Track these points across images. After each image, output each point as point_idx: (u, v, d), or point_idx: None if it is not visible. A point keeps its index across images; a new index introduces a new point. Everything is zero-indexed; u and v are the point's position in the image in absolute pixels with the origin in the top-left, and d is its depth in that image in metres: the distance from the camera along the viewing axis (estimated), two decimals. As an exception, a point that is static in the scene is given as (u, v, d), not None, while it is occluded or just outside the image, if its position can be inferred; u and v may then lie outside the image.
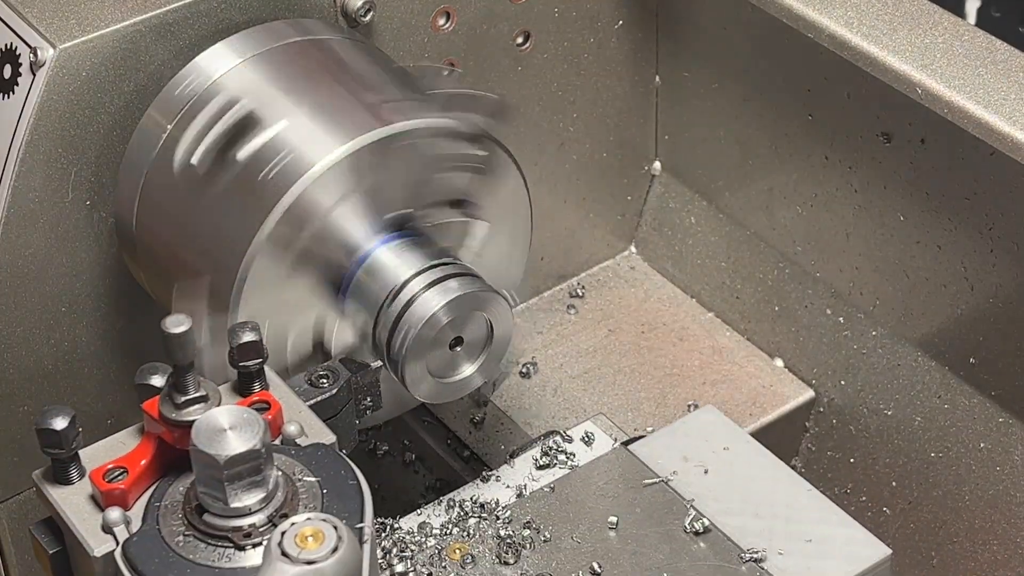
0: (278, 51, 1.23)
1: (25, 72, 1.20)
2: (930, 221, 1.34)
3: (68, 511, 1.00)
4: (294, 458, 1.00)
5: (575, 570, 1.16)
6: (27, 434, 1.30)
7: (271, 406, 1.03)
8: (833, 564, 1.18)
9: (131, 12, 1.22)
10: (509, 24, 1.43)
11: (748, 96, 1.47)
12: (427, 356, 1.16)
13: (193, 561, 0.95)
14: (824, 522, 1.21)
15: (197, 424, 0.94)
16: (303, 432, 1.03)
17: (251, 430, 0.94)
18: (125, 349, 1.32)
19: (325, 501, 0.97)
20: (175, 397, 0.99)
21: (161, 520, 0.97)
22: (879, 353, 1.43)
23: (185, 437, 0.96)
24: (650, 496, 1.22)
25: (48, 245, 1.24)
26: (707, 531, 1.19)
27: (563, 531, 1.19)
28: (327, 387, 1.12)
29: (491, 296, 1.17)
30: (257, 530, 0.95)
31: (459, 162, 1.19)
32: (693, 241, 1.59)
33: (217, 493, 0.94)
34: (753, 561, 1.17)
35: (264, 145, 1.16)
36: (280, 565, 0.88)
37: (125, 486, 0.99)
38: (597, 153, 1.57)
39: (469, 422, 1.46)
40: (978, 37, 1.29)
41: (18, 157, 1.20)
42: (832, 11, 1.33)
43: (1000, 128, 1.22)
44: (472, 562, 1.17)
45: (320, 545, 0.88)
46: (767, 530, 1.19)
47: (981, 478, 1.37)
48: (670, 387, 1.51)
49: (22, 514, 1.33)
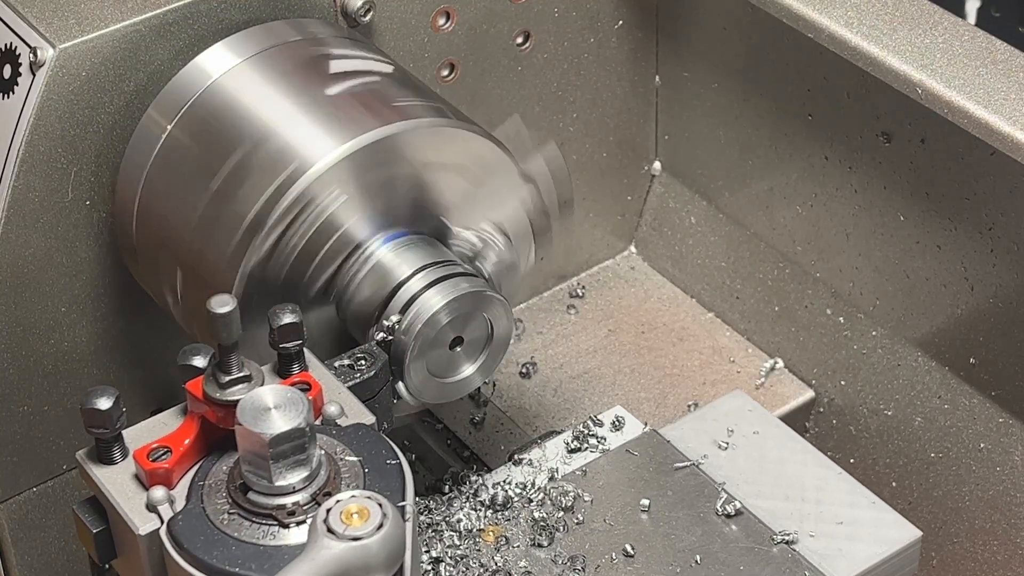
0: (278, 51, 1.23)
1: (25, 72, 1.20)
2: (930, 221, 1.34)
3: (112, 490, 1.01)
4: (335, 438, 1.01)
5: (608, 552, 1.18)
6: (27, 434, 1.30)
7: (312, 387, 1.04)
8: (864, 546, 1.20)
9: (131, 12, 1.22)
10: (509, 24, 1.43)
11: (748, 96, 1.47)
12: (427, 356, 1.16)
13: (238, 539, 0.96)
14: (854, 505, 1.23)
15: (242, 403, 0.95)
16: (343, 412, 1.04)
17: (296, 409, 0.95)
18: (125, 349, 1.32)
19: (367, 480, 0.99)
20: (219, 377, 1.00)
21: (205, 499, 0.98)
22: (879, 353, 1.43)
23: (228, 416, 0.98)
24: (681, 479, 1.23)
25: (48, 245, 1.24)
26: (738, 514, 1.20)
27: (596, 514, 1.20)
28: (365, 369, 1.12)
29: (491, 296, 1.17)
30: (301, 508, 0.96)
31: (459, 162, 1.19)
32: (693, 241, 1.59)
33: (262, 472, 0.95)
34: (785, 543, 1.18)
35: (264, 145, 1.16)
36: (326, 541, 0.89)
37: (169, 465, 1.00)
38: (597, 153, 1.57)
39: (469, 422, 1.46)
40: (978, 37, 1.29)
41: (18, 157, 1.20)
42: (832, 11, 1.33)
43: (1000, 128, 1.22)
44: (506, 544, 1.18)
45: (365, 522, 0.90)
46: (798, 513, 1.21)
47: (981, 478, 1.37)
48: (670, 387, 1.51)
49: (22, 514, 1.33)
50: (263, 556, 0.95)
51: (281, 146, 1.16)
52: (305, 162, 1.14)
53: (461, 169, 1.19)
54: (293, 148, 1.15)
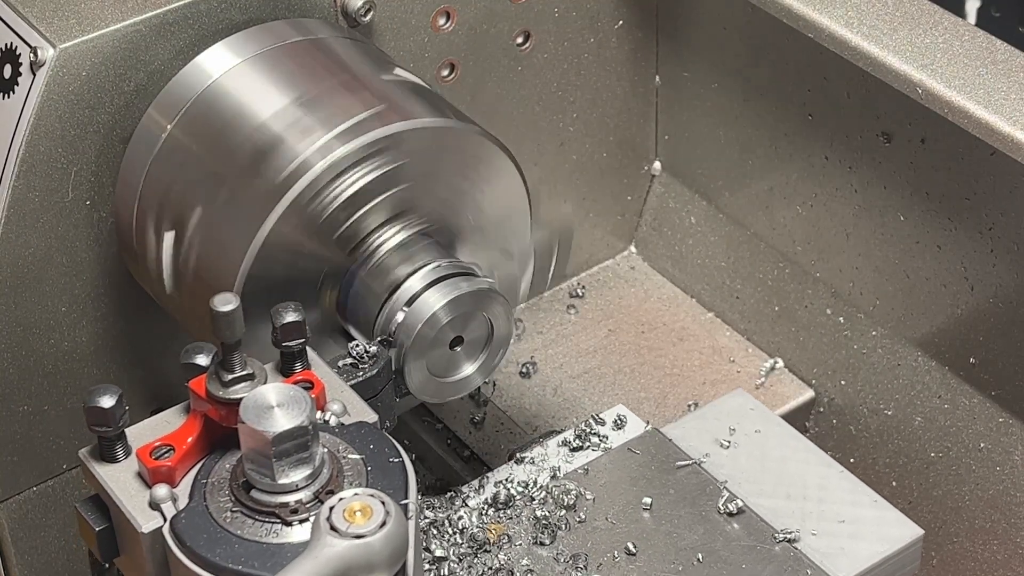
0: (278, 51, 1.23)
1: (25, 72, 1.20)
2: (930, 221, 1.34)
3: (115, 488, 1.01)
4: (338, 436, 1.01)
5: (610, 550, 1.18)
6: (27, 434, 1.30)
7: (314, 385, 1.04)
8: (866, 545, 1.20)
9: (131, 12, 1.22)
10: (509, 24, 1.43)
11: (748, 96, 1.47)
12: (427, 355, 1.16)
13: (240, 536, 0.96)
14: (856, 503, 1.23)
15: (245, 401, 0.95)
16: (346, 411, 1.04)
17: (298, 407, 0.95)
18: (125, 349, 1.32)
19: (370, 478, 0.99)
20: (222, 375, 1.00)
21: (208, 497, 0.99)
22: (879, 353, 1.43)
23: (232, 415, 0.98)
24: (683, 478, 1.23)
25: (48, 245, 1.24)
26: (740, 512, 1.20)
27: (598, 512, 1.20)
28: (368, 367, 1.12)
29: (491, 295, 1.17)
30: (304, 506, 0.96)
31: (458, 162, 1.19)
32: (693, 241, 1.59)
33: (265, 470, 0.96)
34: (787, 541, 1.19)
35: (264, 145, 1.16)
36: (329, 539, 0.89)
37: (172, 463, 1.00)
38: (597, 153, 1.57)
39: (469, 422, 1.46)
40: (978, 37, 1.29)
41: (18, 157, 1.20)
42: (832, 11, 1.33)
43: (1000, 128, 1.22)
44: (508, 543, 1.18)
45: (368, 520, 0.90)
46: (800, 511, 1.21)
47: (981, 478, 1.37)
48: (670, 387, 1.51)
49: (22, 514, 1.33)
50: (266, 554, 0.95)
51: (281, 146, 1.16)
52: (305, 162, 1.14)
53: (461, 169, 1.19)
54: (293, 148, 1.15)
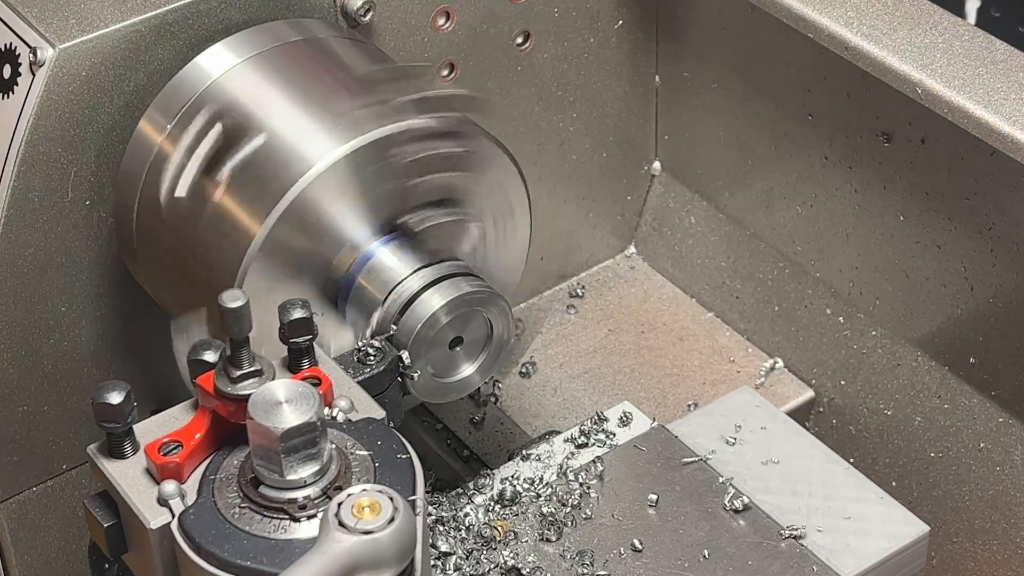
0: (278, 51, 1.23)
1: (25, 72, 1.20)
2: (930, 221, 1.34)
3: (124, 484, 1.01)
4: (346, 432, 1.01)
5: (616, 547, 1.18)
6: (27, 434, 1.30)
7: (322, 382, 1.04)
8: (872, 541, 1.20)
9: (131, 12, 1.22)
10: (509, 24, 1.43)
11: (748, 96, 1.47)
12: (427, 356, 1.16)
13: (249, 532, 0.96)
14: (862, 500, 1.23)
15: (254, 397, 0.96)
16: (353, 407, 1.05)
17: (307, 403, 0.95)
18: (125, 349, 1.32)
19: (378, 474, 0.99)
20: (230, 371, 1.00)
21: (216, 493, 0.99)
22: (879, 353, 1.43)
23: (240, 411, 0.98)
24: (689, 475, 1.23)
25: (48, 245, 1.24)
26: (746, 509, 1.20)
27: (604, 509, 1.21)
28: (375, 364, 1.13)
29: (490, 295, 1.17)
30: (312, 502, 0.96)
31: (458, 162, 1.19)
32: (693, 241, 1.59)
33: (273, 465, 0.96)
34: (793, 538, 1.19)
35: (263, 146, 1.16)
36: (337, 535, 0.89)
37: (180, 459, 1.00)
38: (597, 153, 1.57)
39: (469, 422, 1.46)
40: (978, 37, 1.29)
41: (18, 157, 1.20)
42: (832, 11, 1.33)
43: (1000, 128, 1.22)
44: (515, 539, 1.18)
45: (377, 516, 0.90)
46: (805, 508, 1.22)
47: (981, 478, 1.37)
48: (670, 387, 1.51)
49: (22, 514, 1.33)
50: (274, 550, 0.95)
51: (281, 146, 1.16)
52: (305, 162, 1.14)
53: (460, 169, 1.19)
54: (293, 148, 1.15)
